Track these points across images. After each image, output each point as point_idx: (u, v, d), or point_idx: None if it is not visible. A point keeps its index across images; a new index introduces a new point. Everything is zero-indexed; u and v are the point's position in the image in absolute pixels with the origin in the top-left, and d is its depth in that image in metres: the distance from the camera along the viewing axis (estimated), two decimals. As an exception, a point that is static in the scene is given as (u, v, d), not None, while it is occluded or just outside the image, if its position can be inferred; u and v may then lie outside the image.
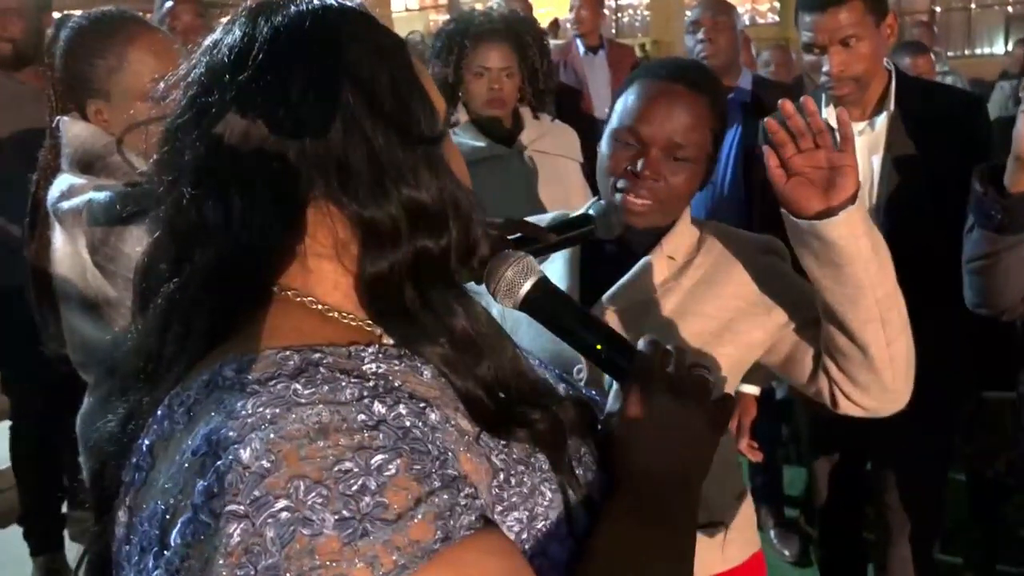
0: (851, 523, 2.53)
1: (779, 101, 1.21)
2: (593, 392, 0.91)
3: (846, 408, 1.33)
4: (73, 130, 1.61)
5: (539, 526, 0.69)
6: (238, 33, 0.71)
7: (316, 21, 0.71)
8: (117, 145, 1.58)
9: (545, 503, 0.71)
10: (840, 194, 1.17)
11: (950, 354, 2.10)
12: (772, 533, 3.17)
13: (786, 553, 3.11)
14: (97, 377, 1.69)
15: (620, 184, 1.31)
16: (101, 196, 1.50)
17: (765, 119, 1.21)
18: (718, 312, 1.33)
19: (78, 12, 1.71)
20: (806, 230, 1.20)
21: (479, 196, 0.76)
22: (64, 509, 3.08)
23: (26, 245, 1.70)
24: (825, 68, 1.96)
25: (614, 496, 0.76)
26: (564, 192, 2.43)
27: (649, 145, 1.30)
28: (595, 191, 1.43)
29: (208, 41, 0.74)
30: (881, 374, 1.27)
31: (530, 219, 1.23)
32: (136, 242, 1.49)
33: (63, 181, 1.58)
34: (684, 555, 0.75)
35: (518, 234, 1.11)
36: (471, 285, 0.80)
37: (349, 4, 0.75)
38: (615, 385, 0.85)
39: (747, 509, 1.47)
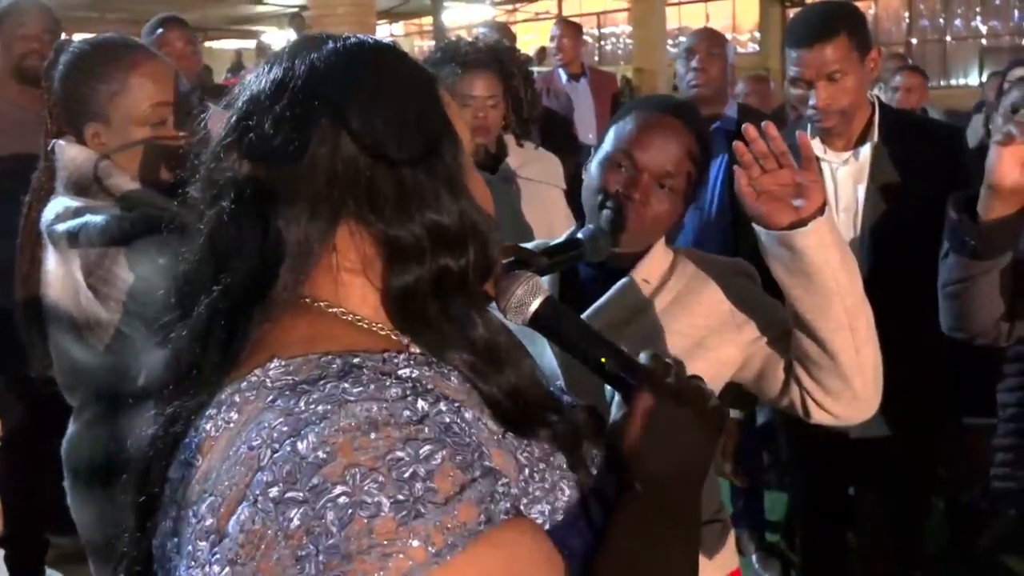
0: (833, 548, 2.54)
1: (743, 126, 1.28)
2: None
3: (818, 417, 1.38)
4: (69, 153, 1.61)
5: (560, 519, 0.75)
6: (279, 65, 0.78)
7: (351, 56, 0.78)
8: (96, 165, 1.59)
9: (565, 498, 0.76)
10: (808, 206, 1.25)
11: (932, 379, 2.14)
12: (754, 557, 3.19)
13: (767, 577, 3.12)
14: (82, 401, 1.69)
15: (609, 204, 1.37)
16: (97, 219, 1.51)
17: (734, 143, 1.28)
18: (690, 330, 1.38)
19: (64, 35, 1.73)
20: (777, 241, 1.26)
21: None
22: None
23: (17, 266, 1.70)
24: (812, 101, 2.00)
25: (627, 496, 0.81)
26: (547, 218, 2.45)
27: (642, 171, 1.36)
28: (578, 217, 1.47)
29: (254, 72, 0.80)
30: (851, 381, 1.32)
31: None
32: (131, 265, 1.50)
33: (58, 204, 1.58)
34: (692, 545, 0.82)
35: (511, 258, 1.15)
36: None
37: (384, 42, 0.82)
38: (616, 396, 0.90)
39: (723, 528, 1.50)
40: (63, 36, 2.36)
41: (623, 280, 1.41)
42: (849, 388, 1.33)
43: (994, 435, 1.92)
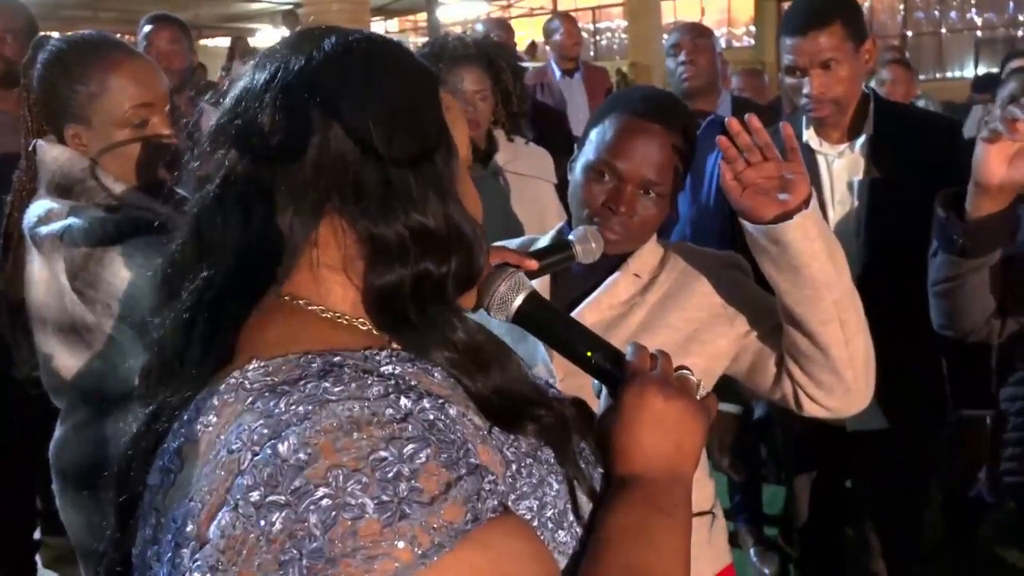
0: (831, 541, 2.54)
1: (727, 120, 1.27)
2: None
3: (811, 410, 1.37)
4: (51, 154, 1.59)
5: (548, 514, 0.74)
6: (274, 57, 0.77)
7: (346, 50, 0.76)
8: (91, 167, 1.57)
9: (553, 493, 0.75)
10: (793, 199, 1.24)
11: (929, 372, 2.13)
12: (752, 552, 3.18)
13: (766, 572, 3.12)
14: (70, 404, 1.67)
15: (596, 219, 1.35)
16: (81, 221, 1.50)
17: (718, 137, 1.27)
18: (683, 324, 1.38)
19: (55, 34, 1.70)
20: (763, 235, 1.26)
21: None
22: (38, 535, 3.04)
23: None
24: (806, 90, 1.99)
25: (617, 488, 0.81)
26: (538, 213, 2.45)
27: (625, 181, 1.34)
28: (569, 211, 1.46)
29: (256, 58, 0.79)
30: (842, 374, 1.31)
31: (497, 244, 1.27)
32: (117, 267, 1.48)
33: (40, 206, 1.56)
34: (684, 539, 0.80)
35: (501, 262, 1.13)
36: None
37: (387, 37, 0.80)
38: (603, 389, 0.90)
39: (717, 523, 1.49)
40: (55, 35, 2.31)
41: (614, 275, 1.41)
42: (841, 381, 1.32)
43: (990, 427, 1.91)
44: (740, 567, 2.82)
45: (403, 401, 0.65)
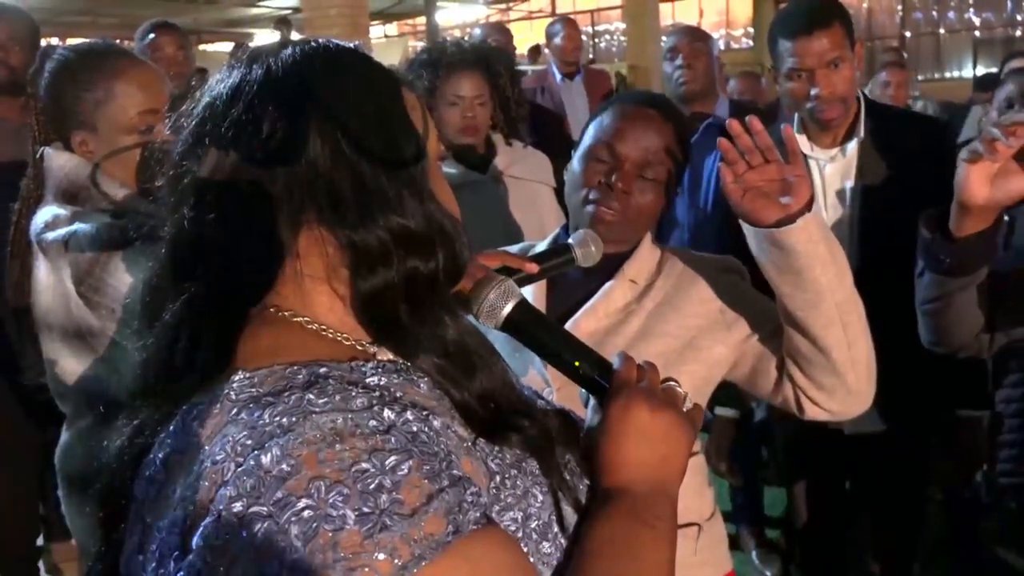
0: (831, 543, 2.55)
1: (728, 121, 1.26)
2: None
3: (813, 413, 1.36)
4: (58, 161, 1.61)
5: (532, 525, 0.74)
6: (238, 71, 0.76)
7: (308, 58, 0.76)
8: (92, 173, 1.59)
9: (537, 504, 0.75)
10: (795, 202, 1.23)
11: (924, 373, 2.13)
12: (754, 553, 3.19)
13: (768, 573, 3.12)
14: (75, 409, 1.68)
15: (592, 196, 1.37)
16: (86, 226, 1.51)
17: (719, 139, 1.27)
18: (680, 331, 1.37)
19: (55, 40, 1.71)
20: (765, 238, 1.25)
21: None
22: (40, 541, 3.04)
23: (7, 274, 1.70)
24: (814, 91, 1.99)
25: (602, 501, 0.81)
26: (538, 216, 2.46)
27: (623, 161, 1.36)
28: (568, 215, 1.46)
29: (214, 77, 0.78)
30: (844, 377, 1.31)
31: (497, 249, 1.27)
32: (122, 273, 1.49)
33: (47, 212, 1.58)
34: (667, 550, 0.80)
35: (501, 266, 1.14)
36: None
37: (345, 44, 0.80)
38: (591, 400, 0.89)
39: (717, 530, 1.48)
40: (55, 41, 2.33)
41: (611, 282, 1.40)
42: (843, 384, 1.31)
43: (986, 427, 1.91)
44: (742, 569, 2.82)
45: (386, 413, 0.66)
